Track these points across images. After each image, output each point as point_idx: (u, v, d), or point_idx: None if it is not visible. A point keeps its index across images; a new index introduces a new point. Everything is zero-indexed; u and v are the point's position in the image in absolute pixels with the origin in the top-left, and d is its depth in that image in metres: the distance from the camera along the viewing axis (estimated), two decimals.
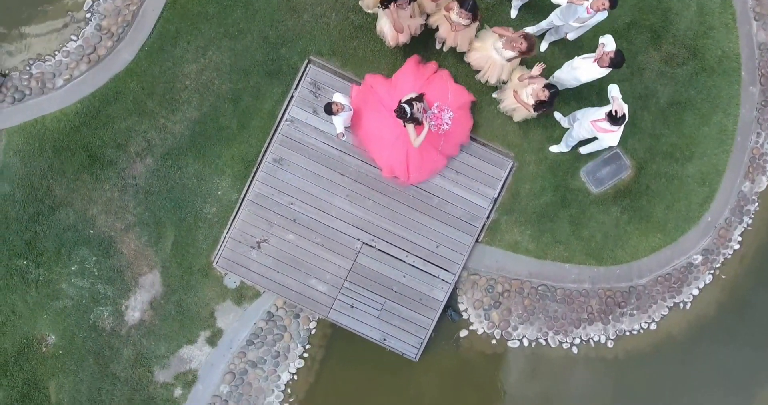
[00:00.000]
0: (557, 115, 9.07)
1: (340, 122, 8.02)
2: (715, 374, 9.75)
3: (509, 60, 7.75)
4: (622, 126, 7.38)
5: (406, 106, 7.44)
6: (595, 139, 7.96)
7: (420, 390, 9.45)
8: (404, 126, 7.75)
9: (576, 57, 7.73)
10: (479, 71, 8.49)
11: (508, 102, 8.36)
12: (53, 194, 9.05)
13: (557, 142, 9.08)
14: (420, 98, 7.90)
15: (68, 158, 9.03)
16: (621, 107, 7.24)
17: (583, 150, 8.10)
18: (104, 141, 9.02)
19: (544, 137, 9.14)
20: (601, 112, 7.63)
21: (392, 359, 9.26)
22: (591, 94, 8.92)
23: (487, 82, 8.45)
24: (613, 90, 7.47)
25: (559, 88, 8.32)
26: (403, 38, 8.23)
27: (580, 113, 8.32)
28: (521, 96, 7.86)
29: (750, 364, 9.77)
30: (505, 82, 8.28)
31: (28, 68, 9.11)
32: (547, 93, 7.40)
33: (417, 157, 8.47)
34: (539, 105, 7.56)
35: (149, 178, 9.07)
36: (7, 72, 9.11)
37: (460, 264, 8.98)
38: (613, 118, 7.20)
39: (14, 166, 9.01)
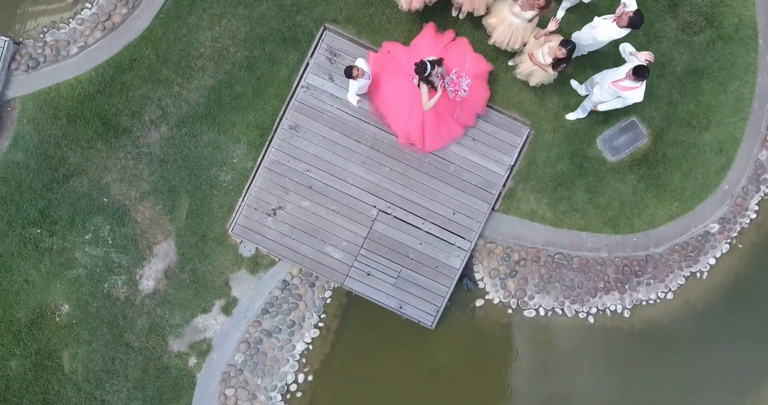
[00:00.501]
0: (573, 83, 9.03)
1: (355, 88, 7.97)
2: (732, 348, 9.69)
3: (530, 20, 7.71)
4: (645, 81, 7.34)
5: (427, 62, 7.38)
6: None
7: (435, 359, 9.40)
8: (418, 86, 7.70)
9: (596, 17, 7.69)
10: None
11: (524, 66, 8.31)
12: (67, 162, 9.01)
13: (573, 109, 9.04)
14: (440, 62, 7.84)
15: (82, 126, 8.99)
16: (650, 55, 7.23)
17: (602, 107, 8.05)
18: (119, 109, 8.98)
19: (560, 105, 9.10)
20: (621, 71, 7.59)
21: (407, 329, 9.21)
22: (607, 62, 8.86)
23: (512, 50, 8.41)
24: (628, 46, 7.45)
25: (576, 53, 8.30)
26: (417, 3, 8.19)
27: (598, 77, 8.27)
28: (537, 57, 7.82)
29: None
30: (525, 44, 8.24)
31: (42, 36, 9.07)
32: (564, 50, 7.37)
33: (433, 123, 8.42)
34: (557, 63, 7.52)
35: (164, 146, 9.03)
36: (21, 40, 9.07)
37: (476, 231, 8.94)
38: (640, 73, 7.15)
39: (28, 134, 8.97)
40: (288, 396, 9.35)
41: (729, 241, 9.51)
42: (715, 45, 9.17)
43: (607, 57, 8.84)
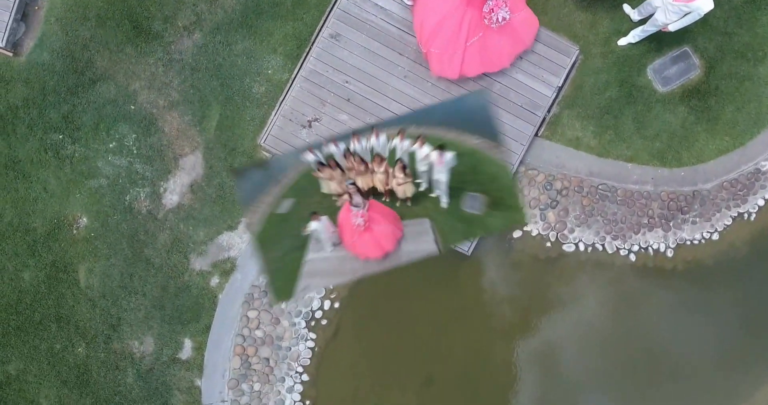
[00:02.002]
0: (626, 8, 8.69)
1: None
2: None
3: None
4: None
5: None
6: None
7: (468, 289, 9.00)
8: None
9: None
10: None
11: None
12: (94, 66, 8.61)
13: (625, 35, 8.68)
14: None
15: (112, 29, 8.59)
16: None
17: (674, 27, 7.66)
18: (151, 12, 8.59)
19: (611, 30, 8.73)
20: None
21: (440, 257, 8.75)
22: None
23: None
24: None
25: None
26: None
27: (657, 0, 7.86)
28: None
29: None
30: None
31: None
32: None
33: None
34: None
35: (196, 53, 8.64)
36: None
37: (519, 154, 8.54)
38: None
39: (55, 35, 8.57)
40: (312, 323, 8.93)
41: None
42: None
43: None
